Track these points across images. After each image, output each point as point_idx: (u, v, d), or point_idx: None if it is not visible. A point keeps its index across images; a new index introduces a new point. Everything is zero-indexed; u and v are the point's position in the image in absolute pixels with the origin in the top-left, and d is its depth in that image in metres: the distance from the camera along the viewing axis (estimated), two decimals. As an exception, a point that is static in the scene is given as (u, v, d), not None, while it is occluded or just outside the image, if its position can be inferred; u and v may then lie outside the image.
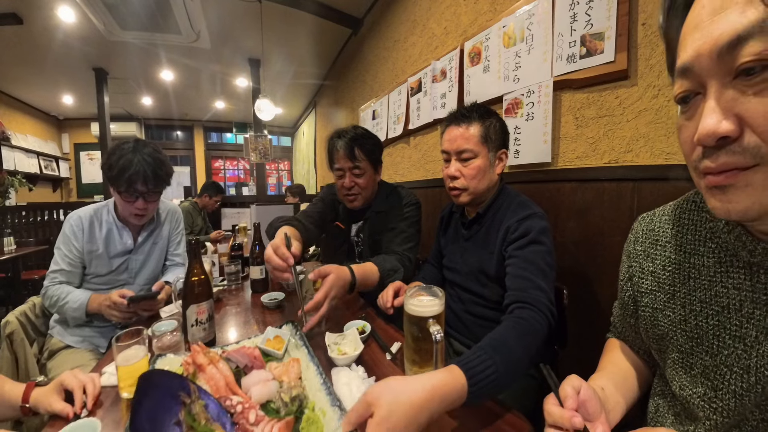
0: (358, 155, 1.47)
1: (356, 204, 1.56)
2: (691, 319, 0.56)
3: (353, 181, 1.50)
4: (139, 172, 1.36)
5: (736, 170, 0.40)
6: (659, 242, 0.63)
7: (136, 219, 1.49)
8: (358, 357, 0.90)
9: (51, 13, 3.87)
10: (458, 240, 1.31)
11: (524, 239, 1.04)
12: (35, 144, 6.75)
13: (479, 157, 1.15)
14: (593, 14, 1.31)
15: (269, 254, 1.09)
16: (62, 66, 5.27)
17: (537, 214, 1.08)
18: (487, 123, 1.16)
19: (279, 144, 10.08)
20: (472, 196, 1.18)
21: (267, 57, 4.90)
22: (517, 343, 0.77)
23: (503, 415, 0.70)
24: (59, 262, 1.42)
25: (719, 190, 0.42)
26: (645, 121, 1.19)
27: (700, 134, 0.40)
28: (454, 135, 1.18)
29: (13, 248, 3.63)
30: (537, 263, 0.99)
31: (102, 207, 1.52)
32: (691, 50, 0.41)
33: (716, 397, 0.52)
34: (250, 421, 0.62)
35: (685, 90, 0.44)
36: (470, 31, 2.04)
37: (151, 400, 0.59)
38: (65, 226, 1.44)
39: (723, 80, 0.39)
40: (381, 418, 0.54)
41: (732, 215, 0.42)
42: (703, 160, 0.42)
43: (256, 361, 0.83)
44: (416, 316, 0.81)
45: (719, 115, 0.39)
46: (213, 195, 4.05)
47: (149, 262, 1.60)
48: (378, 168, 1.59)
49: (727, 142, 0.39)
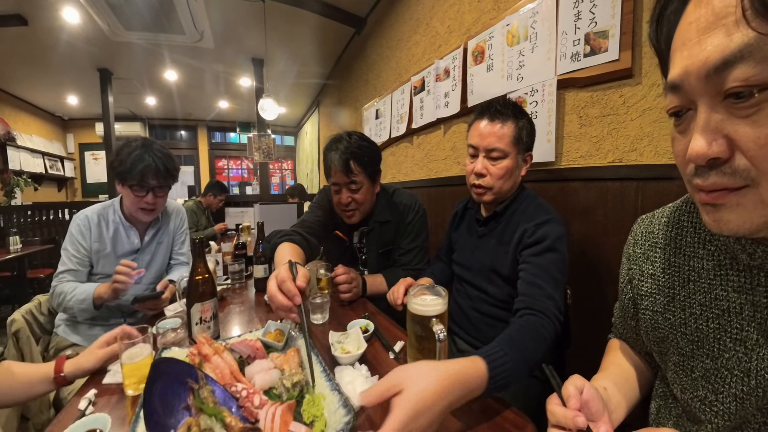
0: (354, 169, 1.40)
1: (354, 220, 1.51)
2: (691, 322, 0.55)
3: (350, 197, 1.43)
4: (151, 166, 1.39)
5: (726, 190, 0.40)
6: (658, 245, 0.62)
7: (145, 215, 1.49)
8: (361, 356, 0.91)
9: (55, 14, 3.90)
10: (471, 236, 1.30)
11: (540, 245, 1.03)
12: (40, 144, 6.80)
13: (509, 158, 1.12)
14: (597, 12, 1.30)
15: (272, 292, 0.89)
16: (67, 67, 5.31)
17: (554, 220, 1.07)
18: (520, 123, 1.12)
19: (282, 143, 10.10)
20: (496, 195, 1.16)
21: (270, 56, 4.91)
22: (529, 342, 0.81)
23: (506, 415, 0.70)
24: (67, 263, 1.42)
25: (712, 207, 0.42)
26: (649, 119, 1.18)
27: (690, 155, 0.40)
28: (486, 131, 1.13)
29: (19, 247, 3.66)
30: (550, 271, 1.00)
31: (108, 206, 1.53)
32: (680, 68, 0.40)
33: (717, 401, 0.52)
34: (255, 405, 0.64)
35: (676, 105, 0.44)
36: (474, 30, 2.03)
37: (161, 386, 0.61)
38: (72, 226, 1.45)
39: (712, 101, 0.39)
40: (409, 397, 0.56)
41: (724, 232, 0.42)
42: (695, 178, 0.42)
43: (259, 352, 0.87)
44: (419, 315, 0.81)
45: (709, 137, 0.39)
46: (217, 194, 4.08)
47: (155, 262, 1.61)
48: (376, 179, 1.51)
49: (718, 163, 0.39)
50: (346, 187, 1.43)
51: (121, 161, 1.39)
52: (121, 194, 1.49)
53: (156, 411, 0.58)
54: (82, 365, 0.86)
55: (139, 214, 1.49)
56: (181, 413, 0.61)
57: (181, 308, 1.28)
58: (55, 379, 0.85)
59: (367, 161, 1.43)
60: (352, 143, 1.42)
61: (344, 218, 1.52)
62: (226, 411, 0.61)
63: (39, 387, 0.86)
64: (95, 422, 0.67)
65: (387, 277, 1.48)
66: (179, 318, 1.08)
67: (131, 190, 1.42)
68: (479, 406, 0.73)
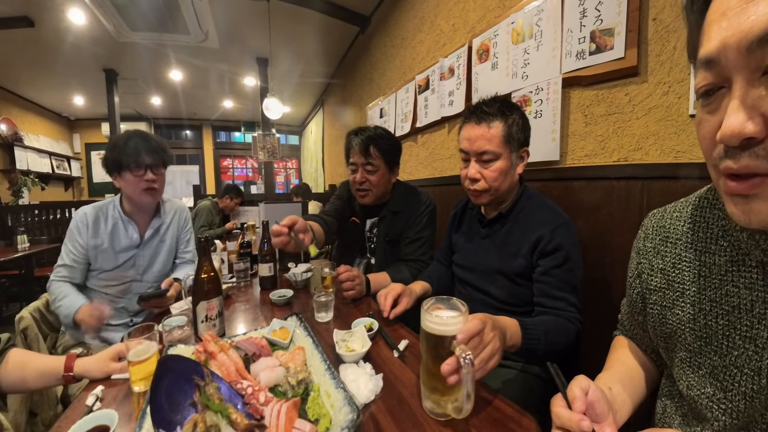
0: (373, 153, 1.52)
1: (366, 200, 1.61)
2: (700, 318, 0.55)
3: (365, 176, 1.55)
4: (141, 144, 1.44)
5: (759, 177, 0.37)
6: (670, 239, 0.62)
7: (150, 195, 1.49)
8: (366, 354, 0.91)
9: (62, 16, 3.93)
10: (474, 238, 1.28)
11: (559, 255, 1.04)
12: (47, 144, 6.87)
13: (501, 159, 1.09)
14: (603, 10, 1.30)
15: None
16: (73, 67, 5.36)
17: (567, 223, 1.08)
18: (509, 121, 1.09)
19: (287, 142, 10.14)
20: (493, 197, 1.14)
21: (275, 56, 4.93)
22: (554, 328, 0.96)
23: (510, 414, 0.70)
24: (64, 258, 1.45)
25: (741, 198, 0.40)
26: (655, 118, 1.18)
27: (724, 134, 0.38)
28: (474, 135, 1.10)
29: (27, 246, 3.70)
30: (571, 282, 1.04)
31: (108, 203, 1.54)
32: (717, 41, 0.38)
33: (725, 398, 0.51)
34: (261, 402, 0.65)
35: (709, 83, 0.41)
36: (478, 28, 2.03)
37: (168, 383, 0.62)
38: (71, 223, 1.47)
39: (751, 76, 0.36)
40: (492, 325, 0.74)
41: (753, 224, 0.40)
42: (725, 160, 0.40)
43: (264, 350, 0.87)
44: (435, 336, 0.67)
45: (745, 115, 0.36)
46: (234, 197, 4.22)
47: (157, 260, 1.61)
48: (393, 168, 1.62)
49: (752, 144, 0.37)
50: (363, 167, 1.55)
51: (112, 148, 1.43)
52: (120, 187, 1.49)
53: (162, 407, 0.59)
54: (90, 372, 0.87)
55: (144, 197, 1.49)
56: (188, 409, 0.61)
57: (187, 306, 1.29)
58: (64, 377, 0.86)
59: (386, 148, 1.56)
60: (377, 132, 1.57)
61: (357, 198, 1.65)
62: (231, 408, 0.62)
63: (49, 379, 0.88)
64: (102, 418, 0.68)
65: (390, 273, 1.50)
66: (185, 316, 1.09)
67: (130, 172, 1.43)
68: (483, 404, 0.73)
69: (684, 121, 1.10)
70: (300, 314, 1.05)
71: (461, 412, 0.64)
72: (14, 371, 0.87)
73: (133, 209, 1.54)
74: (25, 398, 1.15)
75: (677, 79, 1.11)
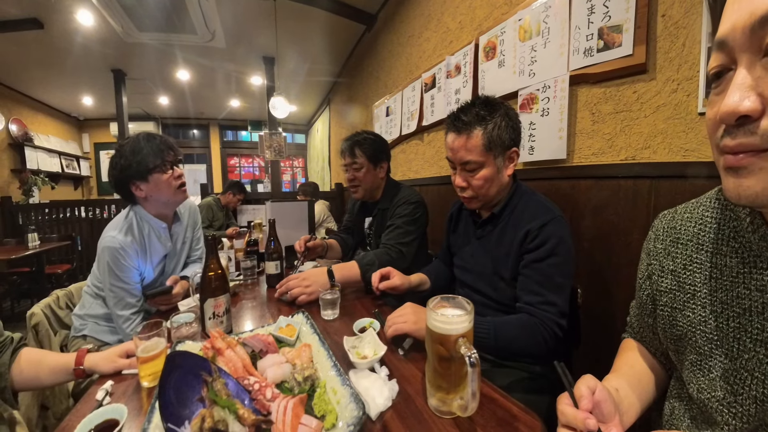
0: (357, 153, 1.74)
1: (358, 195, 1.84)
2: (711, 320, 0.54)
3: (353, 174, 1.78)
4: (161, 142, 1.38)
5: (752, 152, 0.38)
6: (680, 240, 0.61)
7: (184, 192, 1.44)
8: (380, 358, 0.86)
9: (70, 17, 3.98)
10: (469, 239, 1.28)
11: (542, 250, 1.01)
12: (57, 144, 6.96)
13: (485, 167, 1.07)
14: (611, 6, 1.28)
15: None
16: (82, 68, 5.42)
17: (557, 219, 1.04)
18: (489, 126, 1.04)
19: (293, 141, 10.16)
20: (483, 201, 1.15)
21: (281, 55, 4.94)
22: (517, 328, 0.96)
23: (515, 413, 0.70)
24: (122, 296, 1.29)
25: (733, 171, 0.41)
26: (663, 116, 1.16)
27: (722, 112, 0.39)
28: (455, 145, 1.09)
29: (37, 244, 3.76)
30: (552, 278, 1.00)
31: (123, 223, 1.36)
32: (729, 23, 0.39)
33: (736, 402, 0.51)
34: (267, 398, 0.66)
35: (719, 64, 0.42)
36: (485, 25, 2.02)
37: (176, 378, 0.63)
38: (108, 259, 1.27)
39: (752, 58, 0.37)
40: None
41: (742, 199, 0.41)
42: (724, 138, 0.41)
43: (271, 346, 0.88)
44: (440, 335, 0.67)
45: (743, 93, 0.37)
46: (236, 193, 4.28)
47: (180, 262, 1.59)
48: (377, 165, 1.78)
49: (748, 122, 0.38)
50: (350, 167, 1.78)
51: (133, 153, 1.31)
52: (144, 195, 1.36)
53: (171, 402, 0.60)
54: (100, 368, 0.88)
55: (179, 196, 1.43)
56: (195, 405, 0.62)
57: (195, 303, 1.30)
58: (75, 371, 0.88)
59: (367, 147, 1.75)
60: (361, 136, 1.79)
61: (352, 193, 1.87)
62: (238, 403, 0.62)
63: (61, 375, 0.90)
64: (112, 412, 0.69)
65: (357, 260, 1.51)
66: (193, 313, 1.10)
67: (160, 172, 1.34)
68: (489, 403, 0.73)
69: (693, 119, 1.08)
70: (306, 311, 1.06)
71: (466, 410, 0.64)
72: (27, 369, 0.89)
73: (159, 214, 1.44)
74: (36, 393, 1.17)
75: (686, 76, 1.10)
